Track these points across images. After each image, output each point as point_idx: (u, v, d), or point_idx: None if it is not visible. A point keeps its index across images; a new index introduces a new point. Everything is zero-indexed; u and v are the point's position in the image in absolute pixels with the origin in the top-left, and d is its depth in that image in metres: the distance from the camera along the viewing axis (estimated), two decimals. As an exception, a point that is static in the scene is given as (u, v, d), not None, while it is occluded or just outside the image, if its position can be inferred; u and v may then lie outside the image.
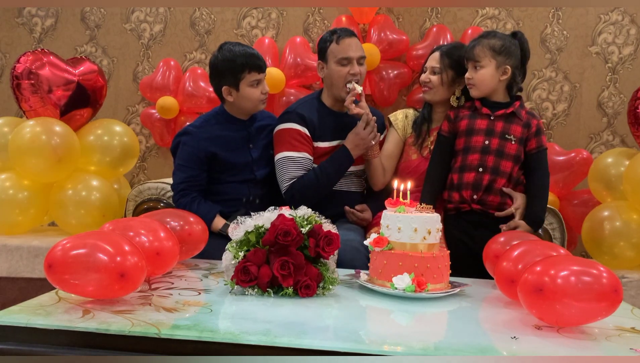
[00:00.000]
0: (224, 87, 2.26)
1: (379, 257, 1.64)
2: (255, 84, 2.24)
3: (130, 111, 3.42)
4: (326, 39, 2.33)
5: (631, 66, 3.06)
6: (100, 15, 3.40)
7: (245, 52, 2.23)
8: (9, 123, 2.89)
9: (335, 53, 2.29)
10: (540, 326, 1.37)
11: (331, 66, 2.30)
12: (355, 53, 2.29)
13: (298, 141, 2.28)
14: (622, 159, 2.69)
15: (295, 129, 2.30)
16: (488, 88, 2.13)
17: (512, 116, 2.14)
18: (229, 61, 2.22)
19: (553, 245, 1.67)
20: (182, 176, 2.27)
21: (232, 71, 2.22)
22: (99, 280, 1.32)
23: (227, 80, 2.24)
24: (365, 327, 1.40)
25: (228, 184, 2.31)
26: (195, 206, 2.21)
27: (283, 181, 2.27)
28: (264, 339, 1.19)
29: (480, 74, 2.10)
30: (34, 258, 2.66)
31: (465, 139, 2.17)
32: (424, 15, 3.15)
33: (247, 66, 2.21)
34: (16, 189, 2.76)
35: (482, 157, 2.13)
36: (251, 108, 2.30)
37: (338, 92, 2.32)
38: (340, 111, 2.38)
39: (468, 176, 2.14)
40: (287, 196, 2.26)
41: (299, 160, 2.28)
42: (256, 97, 2.26)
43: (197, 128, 2.30)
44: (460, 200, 2.16)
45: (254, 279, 1.53)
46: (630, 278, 2.47)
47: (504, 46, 2.10)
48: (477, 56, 2.10)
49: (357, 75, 2.29)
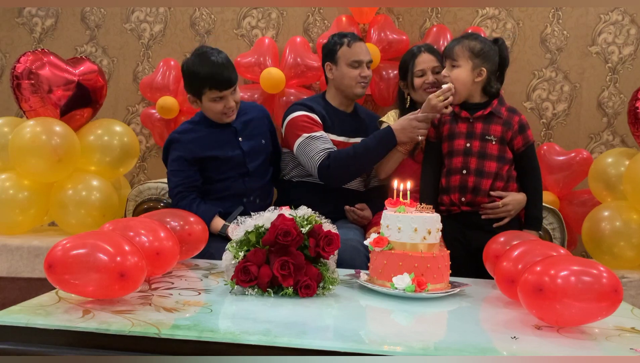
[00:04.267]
0: (188, 95, 2.30)
1: (379, 257, 1.64)
2: (217, 100, 2.23)
3: (130, 111, 3.42)
4: (336, 42, 2.42)
5: (631, 66, 3.06)
6: (100, 15, 3.39)
7: (209, 70, 2.18)
8: (9, 123, 2.89)
9: (347, 56, 2.39)
10: (540, 326, 1.37)
11: (342, 68, 2.40)
12: (366, 57, 2.41)
13: (313, 123, 2.35)
14: (622, 159, 2.69)
15: (306, 115, 2.37)
16: (464, 89, 2.14)
17: (490, 116, 2.15)
18: (193, 74, 2.22)
19: (553, 245, 1.67)
20: (176, 180, 2.28)
21: (195, 83, 2.23)
22: (99, 280, 1.32)
23: (191, 90, 2.27)
24: (365, 327, 1.39)
25: (223, 182, 2.32)
26: (195, 207, 2.21)
27: (314, 156, 2.29)
28: (264, 339, 1.19)
29: (456, 72, 2.13)
30: (34, 258, 2.66)
31: (448, 143, 2.20)
32: (424, 15, 3.15)
33: (208, 83, 2.20)
34: (16, 189, 2.76)
35: (465, 159, 2.15)
36: (217, 119, 2.31)
37: (351, 90, 2.41)
38: (346, 110, 2.48)
39: (454, 179, 2.17)
40: (321, 167, 2.27)
41: (321, 137, 2.32)
42: (218, 110, 2.26)
43: (182, 133, 2.33)
44: (450, 203, 2.18)
45: (254, 279, 1.53)
46: (630, 278, 2.47)
47: (483, 50, 2.13)
48: (455, 55, 2.13)
49: (367, 77, 2.41)
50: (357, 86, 2.40)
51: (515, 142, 2.16)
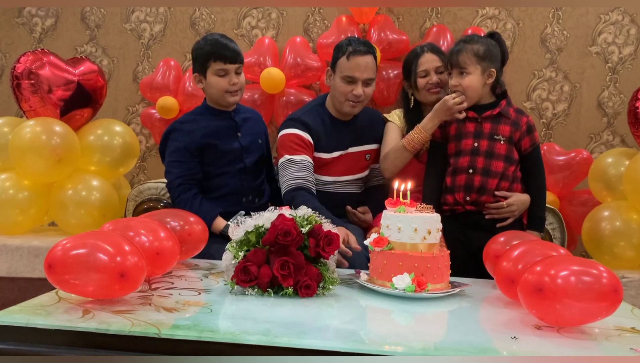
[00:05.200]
0: (195, 73, 2.30)
1: (379, 257, 1.64)
2: (221, 74, 2.24)
3: (130, 111, 3.42)
4: (340, 49, 2.27)
5: (631, 66, 3.06)
6: (100, 15, 3.39)
7: (216, 42, 2.23)
8: (9, 123, 2.89)
9: (342, 68, 2.24)
10: (540, 326, 1.37)
11: (336, 79, 2.28)
12: (362, 75, 2.23)
13: (299, 145, 2.28)
14: (622, 159, 2.69)
15: (296, 134, 2.29)
16: (475, 94, 2.14)
17: (499, 116, 2.15)
18: (200, 48, 2.26)
19: (553, 245, 1.67)
20: (177, 172, 2.26)
21: (200, 58, 2.26)
22: (99, 280, 1.32)
23: (196, 67, 2.29)
24: (365, 327, 1.39)
25: (221, 177, 2.31)
26: (198, 203, 2.21)
27: (286, 182, 2.26)
28: (264, 339, 1.19)
29: (467, 80, 2.12)
30: (34, 258, 2.66)
31: (455, 143, 2.20)
32: (424, 15, 3.15)
33: (213, 54, 2.22)
34: (16, 189, 2.76)
35: (472, 159, 2.15)
36: (218, 98, 2.29)
37: (340, 106, 2.31)
38: (344, 119, 2.38)
39: (460, 178, 2.16)
40: (286, 196, 2.25)
41: (299, 163, 2.26)
42: (221, 86, 2.25)
43: (183, 123, 2.33)
44: (454, 202, 2.18)
45: (254, 279, 1.53)
46: (630, 278, 2.47)
47: (487, 50, 2.12)
48: (462, 63, 2.11)
49: (360, 97, 2.25)
50: (345, 104, 2.27)
51: (522, 143, 2.17)
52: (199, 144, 2.27)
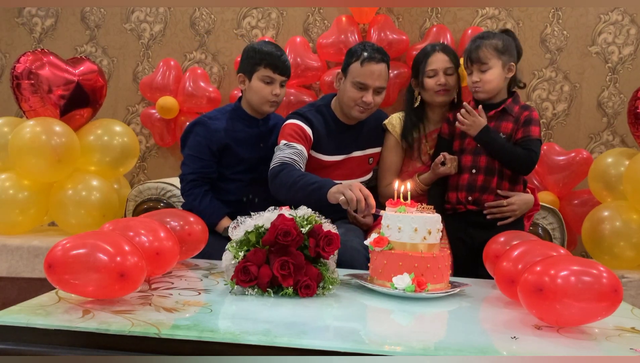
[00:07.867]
0: (240, 73, 2.31)
1: (379, 257, 1.64)
2: (267, 81, 2.26)
3: (130, 111, 3.42)
4: (353, 54, 2.24)
5: (631, 66, 3.06)
6: (100, 15, 3.39)
7: (271, 51, 2.27)
8: (9, 123, 2.89)
9: (354, 74, 2.22)
10: (540, 326, 1.37)
11: (347, 83, 2.25)
12: (374, 83, 2.21)
13: (299, 135, 2.26)
14: (622, 159, 2.69)
15: (298, 125, 2.27)
16: (496, 89, 2.12)
17: (503, 113, 2.15)
18: (254, 50, 2.29)
19: (553, 245, 1.67)
20: (193, 167, 2.29)
21: (251, 59, 2.28)
22: (99, 280, 1.32)
23: (244, 67, 2.30)
24: (365, 327, 1.39)
25: (231, 183, 2.31)
26: (207, 200, 2.24)
27: (275, 159, 2.17)
28: (264, 339, 1.19)
29: (489, 74, 2.10)
30: (34, 258, 2.66)
31: (460, 141, 2.20)
32: (424, 15, 3.15)
33: (265, 60, 2.25)
34: (16, 189, 2.76)
35: (475, 158, 2.15)
36: (257, 104, 2.31)
37: (348, 111, 2.29)
38: (349, 123, 2.36)
39: (463, 177, 2.16)
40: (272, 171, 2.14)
41: (295, 148, 2.20)
42: (264, 94, 2.27)
43: (211, 119, 2.33)
44: (456, 201, 2.18)
45: (254, 279, 1.53)
46: (630, 278, 2.47)
47: (505, 44, 2.11)
48: (483, 58, 2.09)
49: (369, 104, 2.23)
50: (354, 109, 2.25)
51: (517, 134, 2.13)
52: (220, 144, 2.28)
